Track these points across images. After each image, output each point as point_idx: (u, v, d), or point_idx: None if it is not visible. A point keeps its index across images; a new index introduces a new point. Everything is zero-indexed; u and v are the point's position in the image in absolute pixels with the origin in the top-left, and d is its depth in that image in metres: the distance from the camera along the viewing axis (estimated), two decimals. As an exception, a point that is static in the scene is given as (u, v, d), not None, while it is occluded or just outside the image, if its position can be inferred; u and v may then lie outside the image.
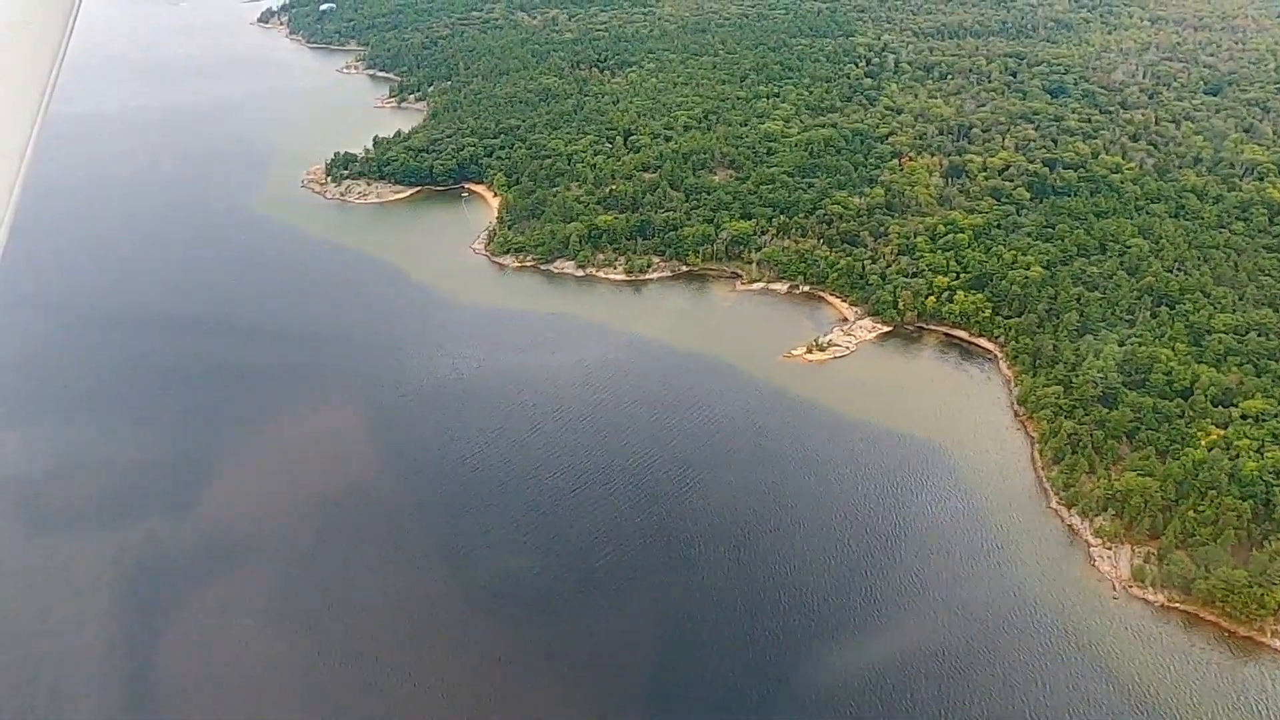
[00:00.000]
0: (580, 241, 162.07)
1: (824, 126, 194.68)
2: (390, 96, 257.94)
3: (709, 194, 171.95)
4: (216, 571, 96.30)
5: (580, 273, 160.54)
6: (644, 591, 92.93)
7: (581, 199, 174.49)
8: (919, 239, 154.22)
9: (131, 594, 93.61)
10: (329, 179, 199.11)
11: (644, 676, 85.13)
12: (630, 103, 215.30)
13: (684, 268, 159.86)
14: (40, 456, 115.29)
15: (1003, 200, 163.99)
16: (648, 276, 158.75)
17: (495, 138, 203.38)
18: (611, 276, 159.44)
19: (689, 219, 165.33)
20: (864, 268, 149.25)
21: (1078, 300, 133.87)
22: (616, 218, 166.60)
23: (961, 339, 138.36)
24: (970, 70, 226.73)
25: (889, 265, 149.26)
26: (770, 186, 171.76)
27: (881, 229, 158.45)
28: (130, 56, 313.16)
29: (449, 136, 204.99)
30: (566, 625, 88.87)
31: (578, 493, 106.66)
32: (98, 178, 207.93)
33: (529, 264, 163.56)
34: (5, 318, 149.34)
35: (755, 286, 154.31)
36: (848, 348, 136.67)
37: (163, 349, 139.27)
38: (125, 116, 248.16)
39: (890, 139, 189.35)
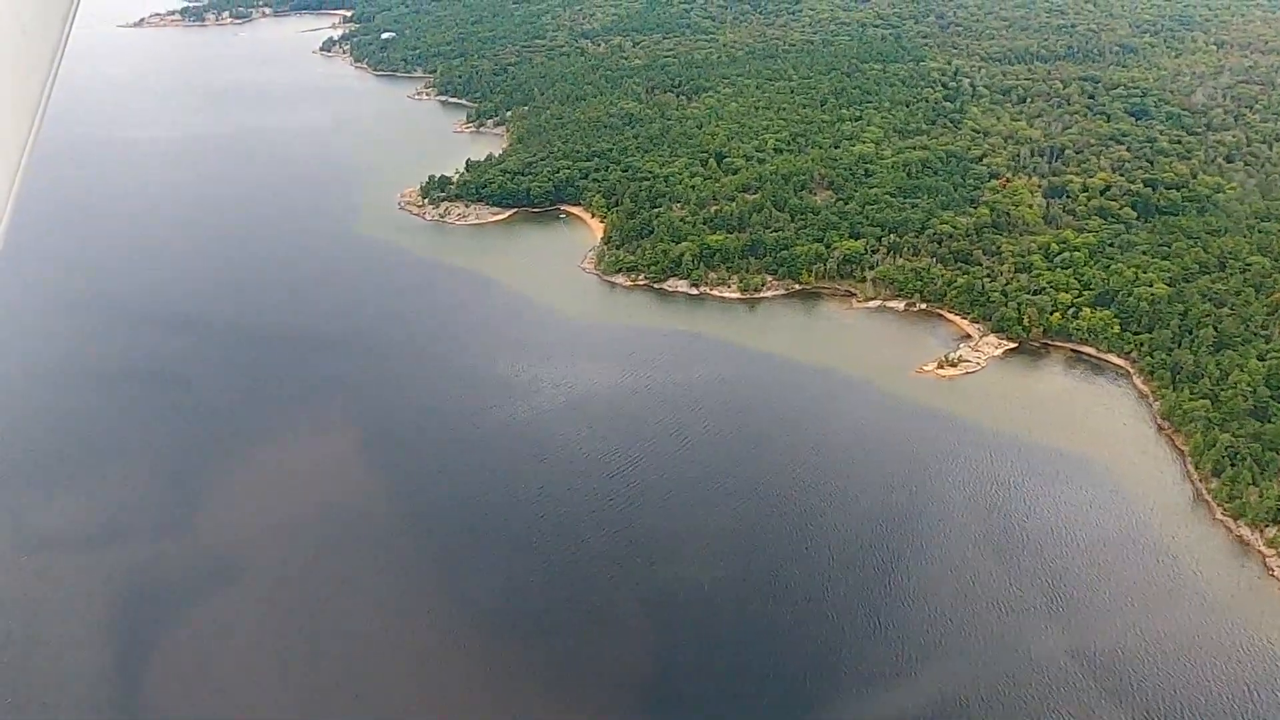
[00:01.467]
0: (694, 260, 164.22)
1: (916, 149, 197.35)
2: (468, 122, 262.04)
3: (814, 214, 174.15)
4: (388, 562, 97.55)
5: (694, 291, 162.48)
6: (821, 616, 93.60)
7: (686, 219, 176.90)
8: (1033, 257, 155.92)
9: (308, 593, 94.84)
10: (425, 201, 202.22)
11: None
12: (716, 126, 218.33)
13: (797, 286, 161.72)
14: (174, 457, 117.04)
15: (1110, 219, 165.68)
16: (762, 295, 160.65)
17: (588, 160, 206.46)
18: (726, 295, 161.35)
19: (798, 238, 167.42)
20: (984, 285, 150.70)
21: (1208, 316, 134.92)
22: (726, 237, 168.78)
23: (1089, 355, 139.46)
24: (1049, 94, 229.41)
25: (1008, 283, 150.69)
26: (875, 207, 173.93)
27: (994, 248, 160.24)
28: (202, 84, 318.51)
29: (542, 159, 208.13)
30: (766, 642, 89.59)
31: (742, 507, 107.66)
32: (196, 199, 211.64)
33: (641, 282, 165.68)
34: (134, 334, 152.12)
35: (872, 304, 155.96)
36: (978, 363, 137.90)
37: (293, 362, 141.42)
38: (212, 142, 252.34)
39: (984, 160, 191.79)
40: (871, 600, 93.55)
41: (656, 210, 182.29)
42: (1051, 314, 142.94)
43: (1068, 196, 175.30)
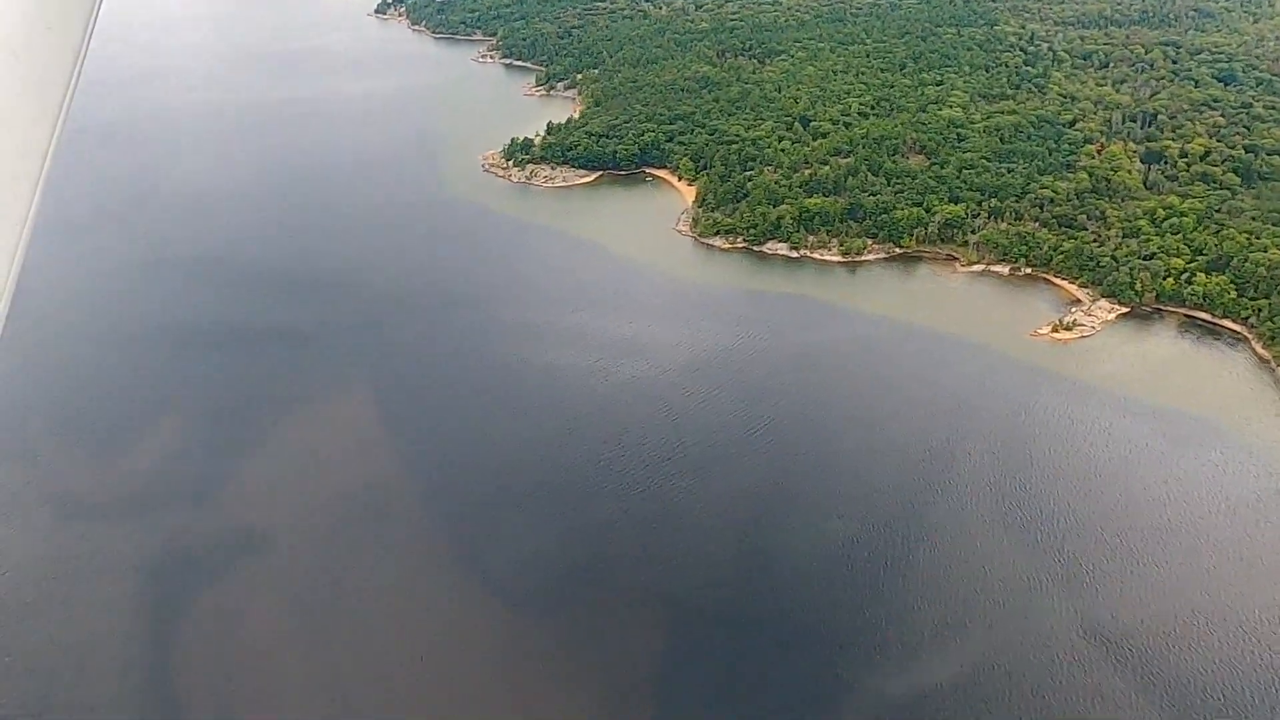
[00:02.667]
0: (794, 223, 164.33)
1: (1005, 113, 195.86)
2: (537, 85, 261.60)
3: (911, 178, 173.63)
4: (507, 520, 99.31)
5: (794, 254, 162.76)
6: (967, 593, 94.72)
7: (780, 183, 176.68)
8: (1140, 222, 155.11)
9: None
10: (509, 163, 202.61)
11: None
12: (796, 90, 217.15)
13: (898, 250, 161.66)
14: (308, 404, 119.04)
15: (1213, 185, 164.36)
16: (863, 258, 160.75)
17: (671, 124, 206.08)
18: (827, 258, 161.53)
19: (897, 203, 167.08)
20: (1092, 250, 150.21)
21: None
22: (824, 201, 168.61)
23: (1204, 320, 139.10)
24: (1131, 59, 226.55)
25: (1117, 248, 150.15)
26: (972, 171, 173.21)
27: (1098, 213, 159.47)
28: (262, 49, 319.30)
29: (625, 123, 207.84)
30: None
31: (876, 470, 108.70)
32: (282, 163, 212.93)
33: (739, 245, 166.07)
34: (241, 295, 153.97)
35: (975, 268, 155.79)
36: (1092, 328, 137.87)
37: (417, 322, 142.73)
38: (285, 107, 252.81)
39: (1076, 125, 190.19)
40: (1027, 558, 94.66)
41: (748, 174, 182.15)
42: (1164, 279, 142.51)
43: (1166, 162, 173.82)
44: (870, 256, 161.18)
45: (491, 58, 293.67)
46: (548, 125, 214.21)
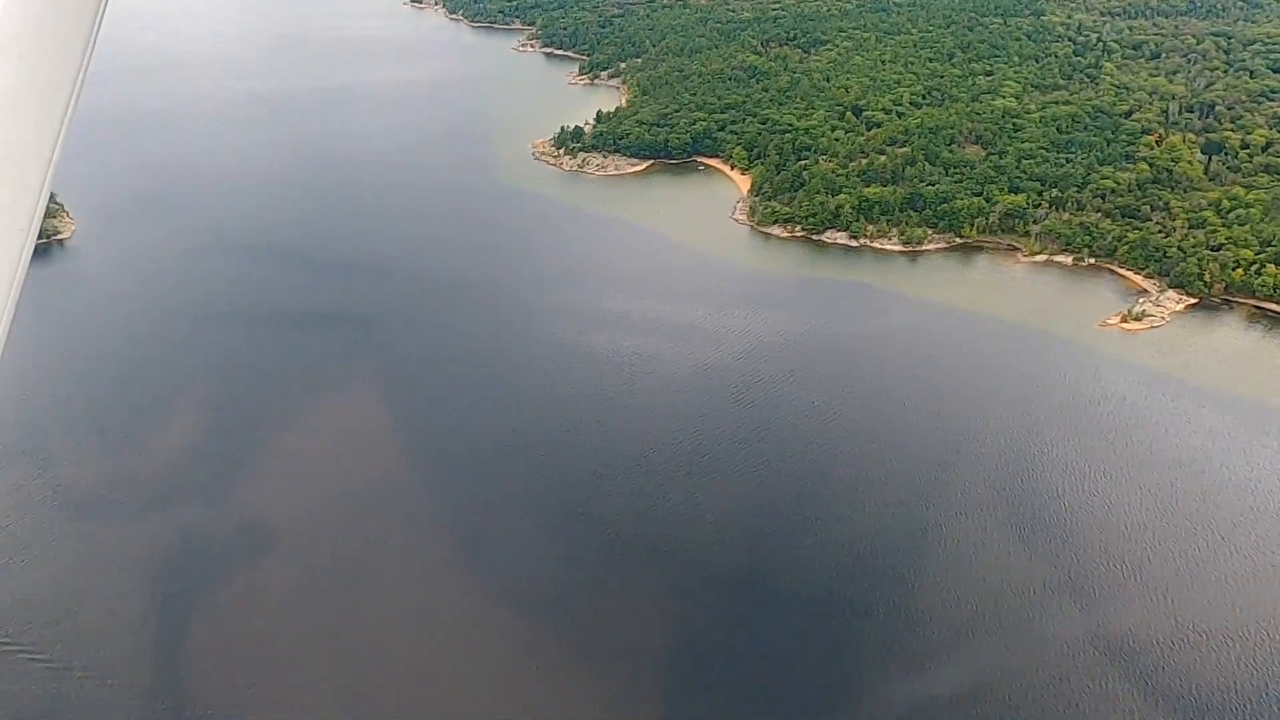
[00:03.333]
0: (854, 212, 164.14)
1: (1059, 104, 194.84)
2: (581, 73, 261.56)
3: (969, 168, 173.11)
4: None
5: (854, 243, 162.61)
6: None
7: (837, 172, 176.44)
8: (1205, 213, 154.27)
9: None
10: (561, 151, 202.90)
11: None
12: (846, 80, 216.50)
13: (958, 240, 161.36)
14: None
15: (1278, 176, 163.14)
16: (924, 248, 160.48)
17: (723, 113, 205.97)
18: (887, 247, 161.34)
19: (956, 192, 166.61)
20: (1159, 241, 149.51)
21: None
22: (883, 190, 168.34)
23: (1274, 311, 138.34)
24: (1183, 49, 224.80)
25: (1184, 238, 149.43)
26: (1031, 161, 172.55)
27: (1162, 203, 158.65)
28: (300, 37, 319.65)
29: (676, 111, 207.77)
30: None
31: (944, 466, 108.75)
32: (334, 150, 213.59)
33: (798, 234, 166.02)
34: (300, 276, 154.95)
35: (1038, 258, 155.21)
36: (1161, 318, 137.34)
37: (471, 308, 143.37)
38: (330, 94, 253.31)
39: (1132, 116, 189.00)
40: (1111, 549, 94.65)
41: (803, 163, 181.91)
42: (1233, 270, 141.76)
43: (1226, 153, 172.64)
44: (931, 246, 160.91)
45: (532, 46, 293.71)
46: (597, 114, 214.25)
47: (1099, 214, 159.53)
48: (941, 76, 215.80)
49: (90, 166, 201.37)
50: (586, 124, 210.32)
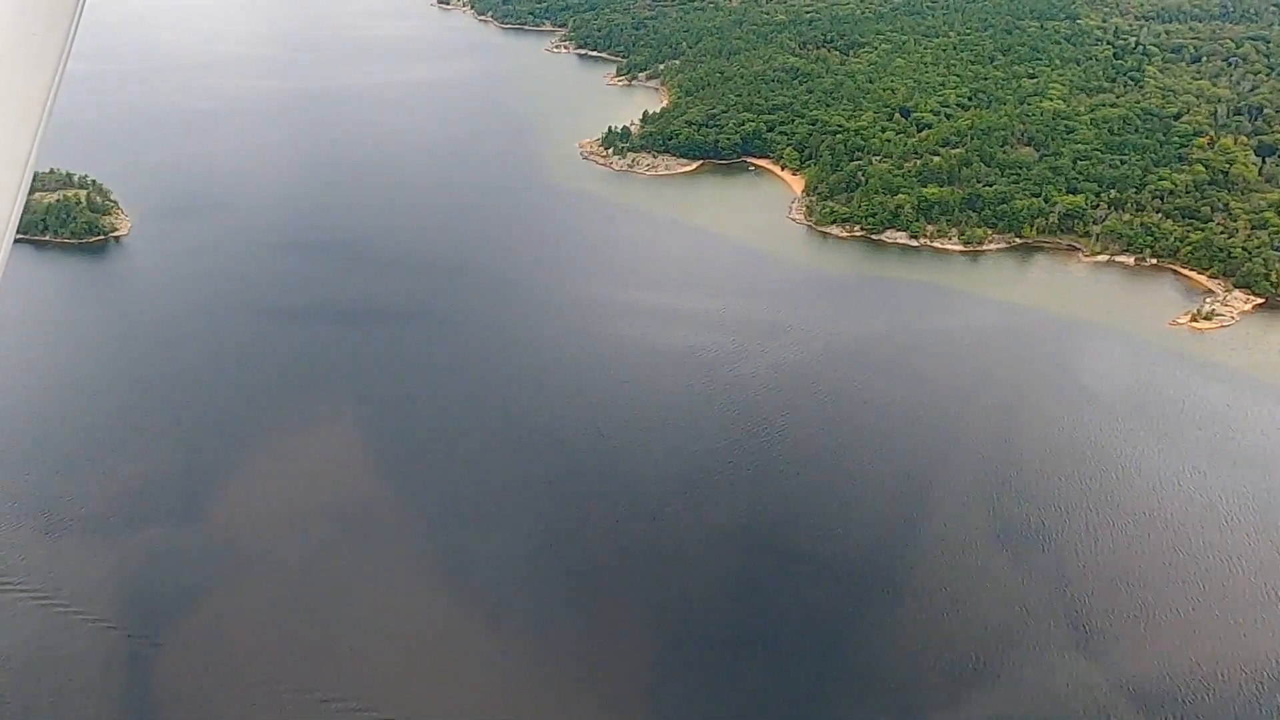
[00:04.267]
0: (913, 212, 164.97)
1: (1107, 106, 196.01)
2: (618, 75, 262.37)
3: (1024, 169, 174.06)
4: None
5: (914, 243, 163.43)
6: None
7: (892, 172, 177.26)
8: (1267, 214, 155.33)
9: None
10: (609, 151, 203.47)
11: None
12: (891, 81, 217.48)
13: (1018, 240, 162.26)
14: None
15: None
16: (984, 248, 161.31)
17: (771, 114, 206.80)
18: (947, 247, 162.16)
19: (1014, 193, 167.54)
20: (1223, 242, 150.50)
21: None
22: (941, 190, 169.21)
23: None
24: (1224, 54, 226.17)
25: (1247, 239, 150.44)
26: (1086, 162, 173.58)
27: (1222, 204, 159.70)
28: (331, 37, 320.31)
29: (725, 112, 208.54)
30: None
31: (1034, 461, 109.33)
32: (374, 151, 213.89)
33: (857, 233, 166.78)
34: (368, 272, 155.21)
35: (1100, 258, 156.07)
36: (1230, 317, 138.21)
37: (531, 304, 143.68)
38: (369, 94, 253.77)
39: (1181, 119, 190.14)
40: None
41: (856, 163, 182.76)
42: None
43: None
44: (991, 246, 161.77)
45: (565, 48, 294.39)
46: (644, 114, 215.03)
47: (1159, 215, 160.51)
48: (985, 79, 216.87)
49: (138, 165, 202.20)
50: (632, 124, 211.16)
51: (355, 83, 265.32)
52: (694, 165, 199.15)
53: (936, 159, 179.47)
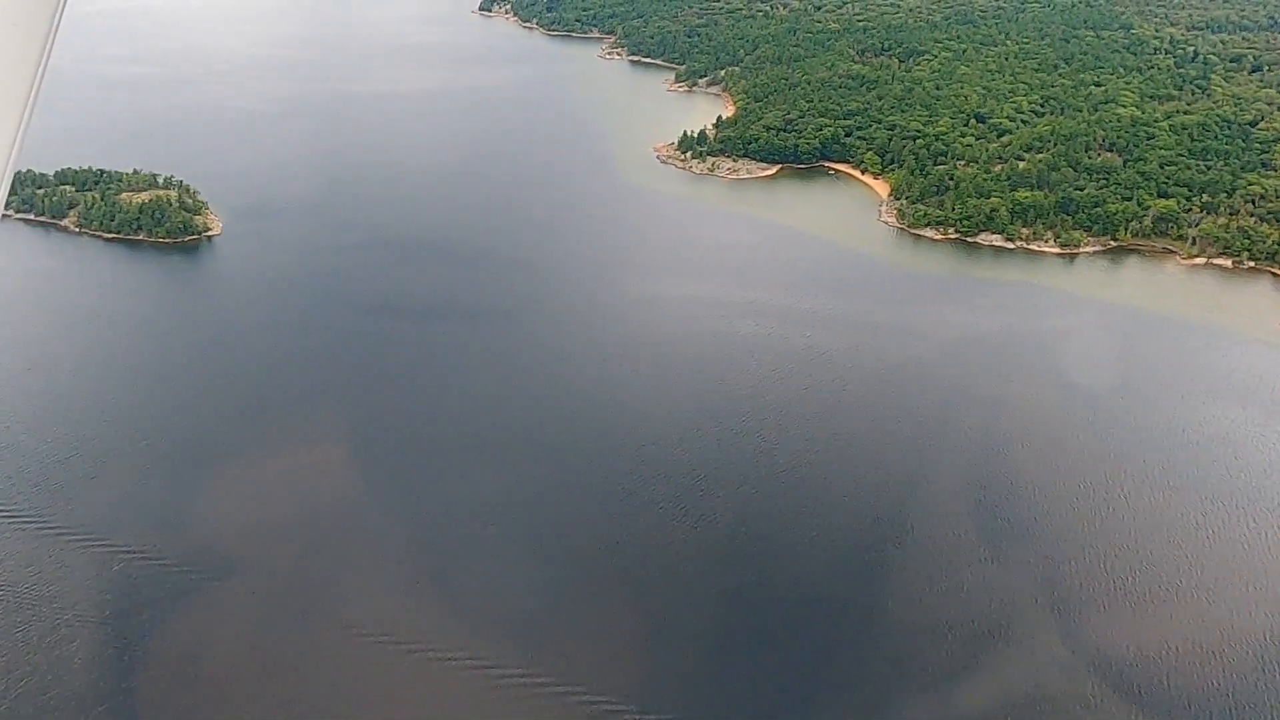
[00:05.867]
0: (1008, 215, 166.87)
1: (1181, 113, 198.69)
2: (678, 81, 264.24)
3: (1111, 174, 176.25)
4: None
5: (1010, 245, 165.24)
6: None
7: (980, 176, 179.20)
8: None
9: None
10: (688, 155, 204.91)
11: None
12: (959, 88, 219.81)
13: (1113, 242, 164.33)
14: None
15: None
16: (1080, 250, 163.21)
17: (847, 119, 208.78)
18: (1044, 249, 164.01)
19: (1106, 197, 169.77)
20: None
21: None
22: (1034, 194, 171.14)
23: None
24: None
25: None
26: (1173, 168, 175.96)
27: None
28: (381, 44, 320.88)
29: (801, 117, 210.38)
30: None
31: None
32: (449, 155, 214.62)
33: (951, 236, 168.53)
34: (459, 272, 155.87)
35: (1197, 261, 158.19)
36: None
37: (642, 303, 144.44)
38: (431, 99, 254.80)
39: (1258, 125, 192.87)
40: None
41: (942, 167, 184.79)
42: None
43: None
44: (1087, 249, 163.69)
45: (618, 54, 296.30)
46: (717, 119, 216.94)
47: (1253, 218, 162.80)
48: (1053, 86, 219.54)
49: (213, 167, 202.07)
50: (707, 128, 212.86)
51: (412, 88, 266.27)
52: (773, 169, 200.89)
53: (1022, 164, 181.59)
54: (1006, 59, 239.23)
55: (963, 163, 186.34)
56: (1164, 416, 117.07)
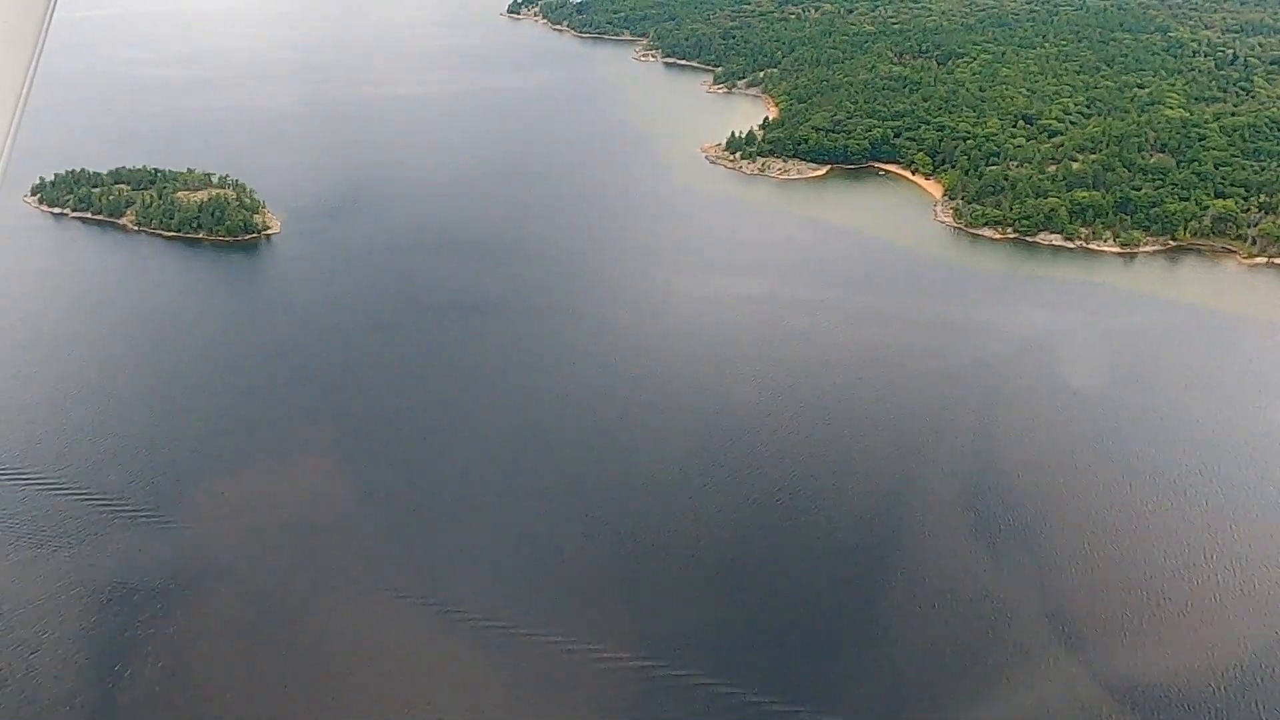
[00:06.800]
0: (1068, 215, 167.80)
1: (1229, 115, 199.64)
2: (716, 82, 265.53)
3: (1166, 175, 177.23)
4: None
5: (1070, 245, 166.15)
6: None
7: (1036, 177, 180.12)
8: None
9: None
10: (737, 155, 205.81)
11: None
12: (1003, 89, 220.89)
13: (1172, 242, 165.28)
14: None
15: None
16: (1140, 250, 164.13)
17: (895, 120, 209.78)
18: (1104, 249, 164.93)
19: (1162, 197, 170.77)
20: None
21: None
22: (1093, 194, 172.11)
23: None
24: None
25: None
26: (1228, 168, 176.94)
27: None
28: (410, 48, 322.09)
29: (849, 118, 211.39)
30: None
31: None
32: (494, 154, 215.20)
33: (1010, 235, 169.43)
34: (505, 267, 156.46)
35: (1258, 260, 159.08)
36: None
37: (708, 302, 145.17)
38: (471, 100, 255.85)
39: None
40: None
41: (995, 168, 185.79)
42: None
43: None
44: (1146, 248, 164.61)
45: (652, 56, 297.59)
46: (764, 120, 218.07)
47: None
48: (1097, 88, 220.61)
49: (258, 167, 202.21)
50: (755, 129, 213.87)
51: (450, 90, 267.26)
52: (823, 170, 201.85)
53: (1076, 164, 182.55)
54: (1048, 61, 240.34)
55: (1015, 163, 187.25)
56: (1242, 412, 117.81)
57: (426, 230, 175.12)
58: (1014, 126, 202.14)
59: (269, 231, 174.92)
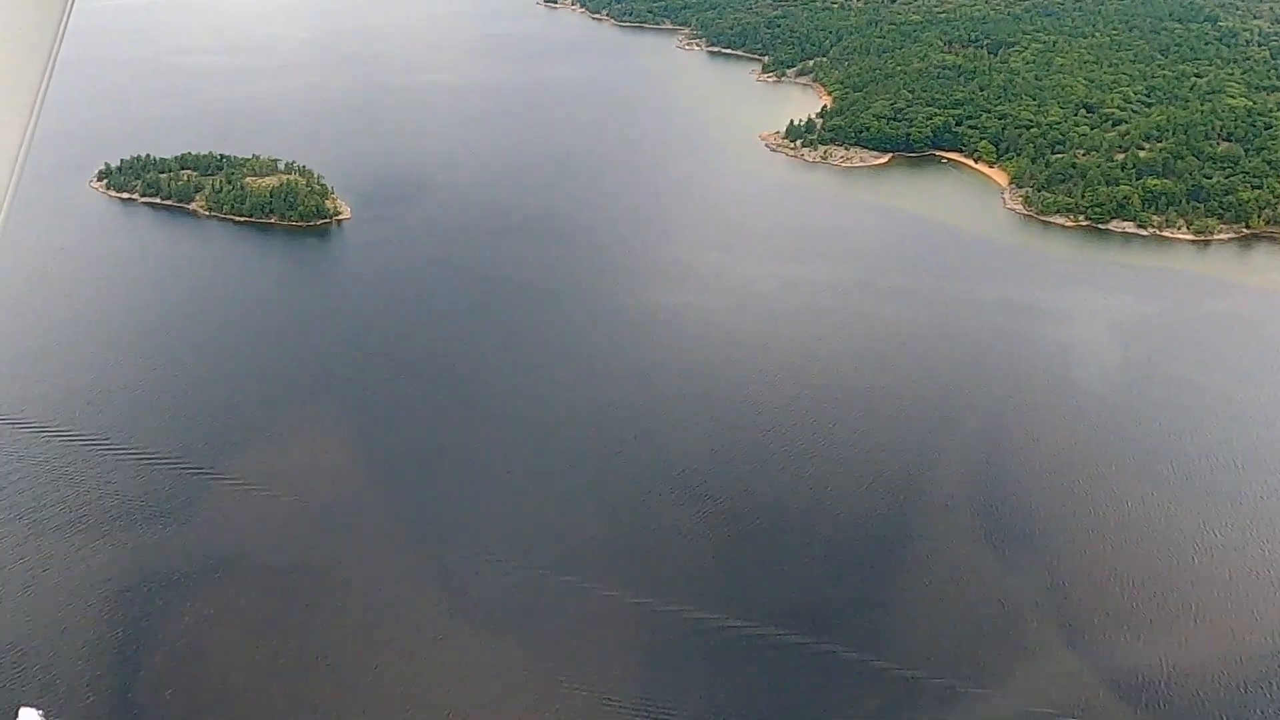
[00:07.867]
0: (1141, 203, 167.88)
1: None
2: (765, 72, 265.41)
3: (1235, 163, 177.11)
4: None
5: (1143, 232, 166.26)
6: None
7: (1104, 164, 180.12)
8: None
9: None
10: (798, 143, 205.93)
11: None
12: (1060, 78, 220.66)
13: (1246, 230, 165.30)
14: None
15: None
16: (1214, 237, 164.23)
17: (955, 109, 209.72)
18: (1177, 236, 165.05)
19: (1234, 185, 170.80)
20: None
21: None
22: (1165, 182, 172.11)
23: None
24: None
25: None
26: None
27: None
28: (449, 38, 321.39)
29: (909, 106, 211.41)
30: None
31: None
32: (556, 144, 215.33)
33: (1082, 223, 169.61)
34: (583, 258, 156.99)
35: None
36: None
37: (792, 285, 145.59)
38: (521, 90, 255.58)
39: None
40: None
41: (1060, 156, 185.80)
42: None
43: None
44: (1220, 235, 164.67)
45: (696, 45, 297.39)
46: (822, 109, 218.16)
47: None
48: (1154, 77, 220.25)
49: (319, 153, 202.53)
50: (814, 117, 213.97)
51: (499, 79, 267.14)
52: (885, 158, 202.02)
53: (1144, 153, 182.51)
54: (1101, 50, 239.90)
55: (1081, 152, 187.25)
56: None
57: (497, 215, 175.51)
58: (1076, 115, 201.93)
59: (340, 217, 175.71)
